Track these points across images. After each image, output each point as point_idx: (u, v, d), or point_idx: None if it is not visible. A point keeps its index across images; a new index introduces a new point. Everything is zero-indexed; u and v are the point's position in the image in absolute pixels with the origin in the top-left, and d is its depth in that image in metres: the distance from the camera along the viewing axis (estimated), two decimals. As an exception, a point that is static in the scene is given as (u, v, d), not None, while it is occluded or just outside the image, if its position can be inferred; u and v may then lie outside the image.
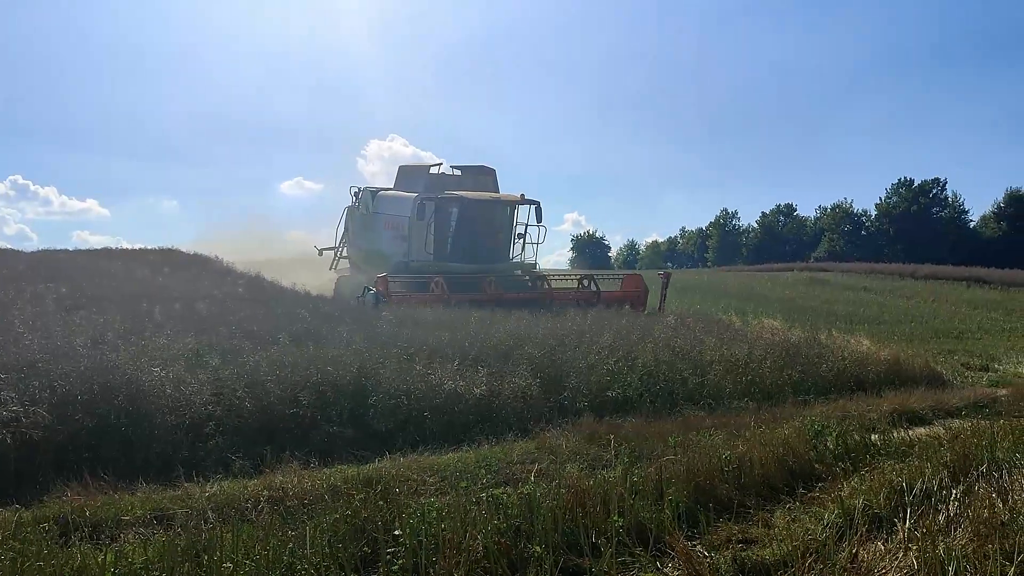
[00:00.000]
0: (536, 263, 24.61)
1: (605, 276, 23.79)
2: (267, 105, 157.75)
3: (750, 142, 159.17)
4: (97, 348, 9.36)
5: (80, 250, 29.81)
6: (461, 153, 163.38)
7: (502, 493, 5.56)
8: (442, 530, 4.83)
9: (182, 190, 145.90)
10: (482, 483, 6.23)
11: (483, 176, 25.46)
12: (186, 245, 28.51)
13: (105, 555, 4.74)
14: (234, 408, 8.36)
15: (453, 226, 23.00)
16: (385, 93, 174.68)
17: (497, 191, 24.99)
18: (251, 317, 13.34)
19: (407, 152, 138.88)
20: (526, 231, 24.19)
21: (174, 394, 8.23)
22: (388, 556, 4.66)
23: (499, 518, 5.08)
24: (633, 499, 5.58)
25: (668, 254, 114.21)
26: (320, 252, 29.34)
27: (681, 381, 11.23)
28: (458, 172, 25.46)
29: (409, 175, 25.76)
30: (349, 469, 7.11)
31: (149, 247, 29.42)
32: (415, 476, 6.83)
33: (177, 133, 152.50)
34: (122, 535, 5.54)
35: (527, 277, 23.04)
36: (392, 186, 26.28)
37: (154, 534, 5.40)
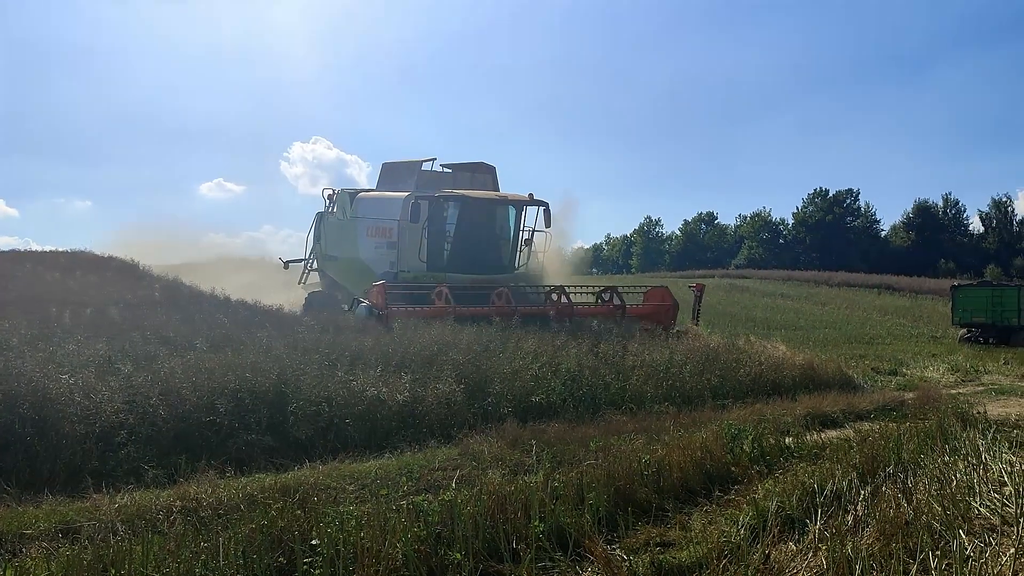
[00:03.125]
0: (543, 275, 21.77)
1: (627, 288, 20.78)
2: (186, 104, 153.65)
3: (673, 151, 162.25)
4: (1, 355, 8.96)
5: (-16, 252, 28.53)
6: (386, 156, 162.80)
7: (423, 500, 5.50)
8: (361, 539, 4.76)
9: (96, 190, 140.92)
10: (403, 490, 6.18)
11: (481, 174, 22.42)
12: (100, 247, 27.26)
13: (4, 571, 4.54)
14: (147, 416, 8.10)
15: (451, 230, 20.00)
16: (308, 94, 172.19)
17: (498, 191, 22.01)
18: (167, 322, 12.98)
19: (331, 155, 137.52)
20: (532, 237, 21.30)
21: (83, 402, 7.93)
22: (305, 566, 4.58)
23: (419, 525, 5.03)
24: (554, 504, 5.61)
25: (594, 260, 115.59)
26: (286, 265, 26.20)
27: (604, 386, 11.36)
28: (448, 171, 22.51)
29: (395, 173, 22.52)
30: (267, 478, 6.97)
31: (60, 249, 28.23)
32: (335, 484, 6.74)
33: (91, 131, 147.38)
34: (24, 550, 5.31)
35: (541, 289, 19.51)
36: (375, 187, 23.26)
37: (59, 548, 5.18)
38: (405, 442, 8.64)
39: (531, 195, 20.33)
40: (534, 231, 21.16)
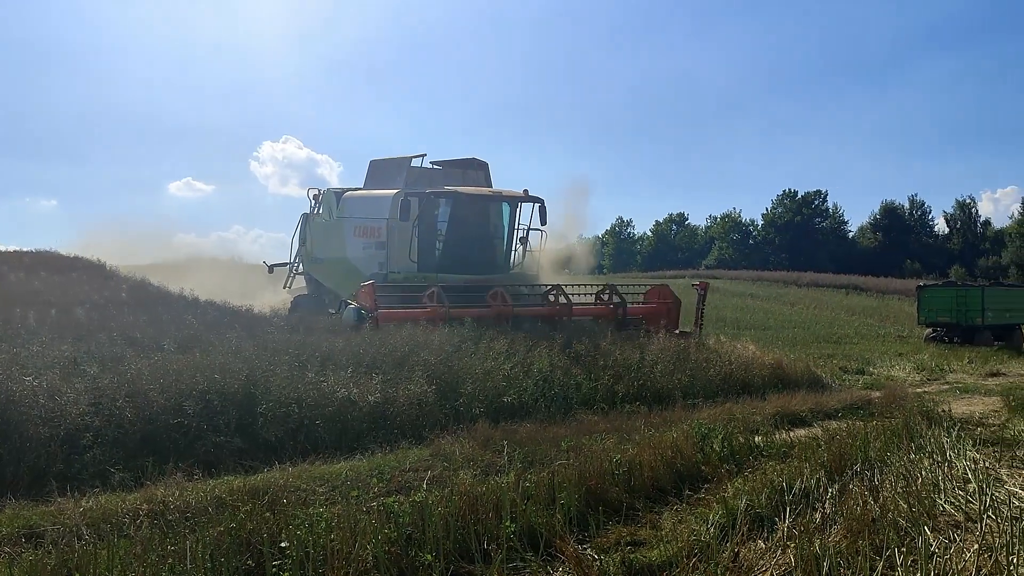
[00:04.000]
0: (538, 275, 20.69)
1: (626, 286, 19.85)
2: (154, 102, 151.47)
3: (644, 152, 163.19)
4: (-38, 356, 8.79)
5: (-53, 252, 27.97)
6: (357, 156, 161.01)
7: (394, 501, 5.48)
8: (331, 541, 4.73)
9: (62, 190, 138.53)
10: (374, 492, 6.15)
11: (473, 171, 21.47)
12: (66, 248, 26.82)
13: (-35, 577, 4.45)
14: (114, 418, 7.98)
15: (444, 228, 19.21)
16: (278, 93, 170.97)
17: (491, 188, 21.00)
18: (134, 323, 12.81)
19: (302, 155, 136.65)
20: (527, 235, 20.37)
21: (48, 404, 7.79)
22: (274, 569, 4.54)
23: (390, 527, 5.01)
24: (526, 504, 5.61)
25: (565, 260, 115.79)
26: (270, 269, 25.28)
27: (575, 386, 11.39)
28: (439, 168, 21.54)
29: (383, 170, 21.62)
30: (235, 480, 6.90)
31: (24, 249, 27.78)
32: (305, 486, 6.69)
33: (57, 130, 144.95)
34: (-14, 555, 5.21)
35: (538, 289, 18.35)
36: (362, 185, 22.34)
37: (22, 553, 5.09)
38: (376, 443, 8.60)
39: (526, 191, 19.57)
40: (529, 229, 20.31)
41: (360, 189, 22.04)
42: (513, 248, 20.36)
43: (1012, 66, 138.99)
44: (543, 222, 19.81)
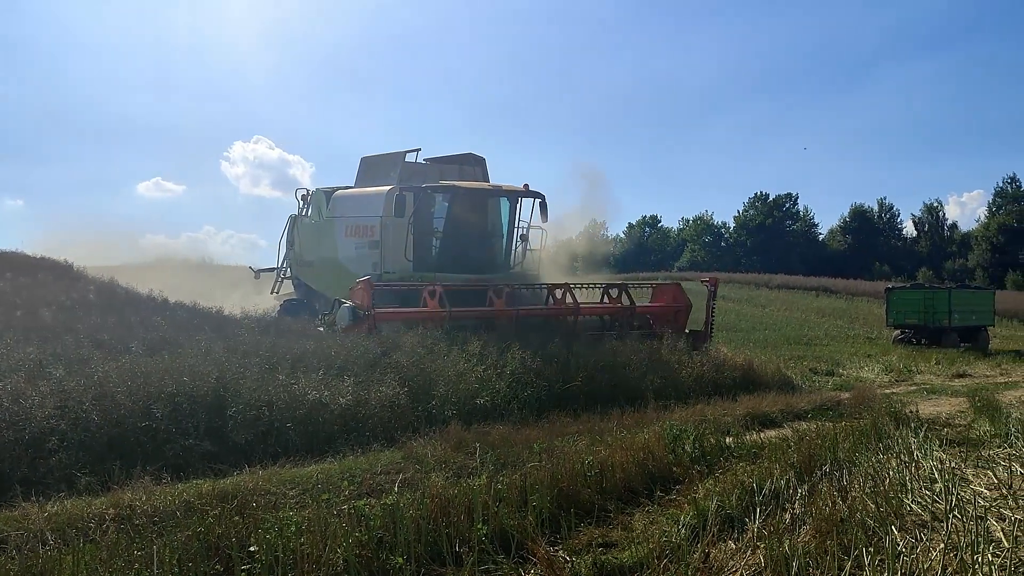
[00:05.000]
0: (540, 275, 19.53)
1: (636, 284, 18.81)
2: (123, 101, 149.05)
3: (618, 155, 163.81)
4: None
5: (-92, 253, 27.37)
6: (330, 157, 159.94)
7: (365, 504, 5.46)
8: (301, 544, 4.69)
9: (29, 189, 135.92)
10: (345, 495, 6.11)
11: (470, 167, 20.49)
12: (32, 248, 26.32)
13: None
14: (80, 422, 7.85)
15: (441, 225, 18.41)
16: (250, 93, 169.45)
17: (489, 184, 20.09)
18: (102, 325, 12.63)
19: (273, 155, 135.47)
20: (527, 232, 19.43)
21: (12, 407, 7.66)
22: (243, 574, 4.50)
23: (361, 530, 4.98)
24: (498, 506, 5.60)
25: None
26: (257, 274, 24.44)
27: (547, 387, 11.40)
28: (433, 164, 20.73)
29: (376, 167, 20.71)
30: (204, 484, 6.81)
31: (-11, 250, 27.27)
32: (275, 489, 6.62)
33: (23, 129, 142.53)
34: (-52, 562, 5.10)
35: (543, 288, 16.96)
36: (353, 184, 21.39)
37: (-16, 559, 5.00)
38: (348, 446, 8.54)
39: (526, 185, 18.68)
40: (529, 226, 19.33)
41: (351, 187, 21.26)
42: (514, 246, 19.48)
43: (979, 71, 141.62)
44: (544, 219, 18.97)
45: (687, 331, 17.04)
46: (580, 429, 9.26)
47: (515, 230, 19.34)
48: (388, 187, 18.58)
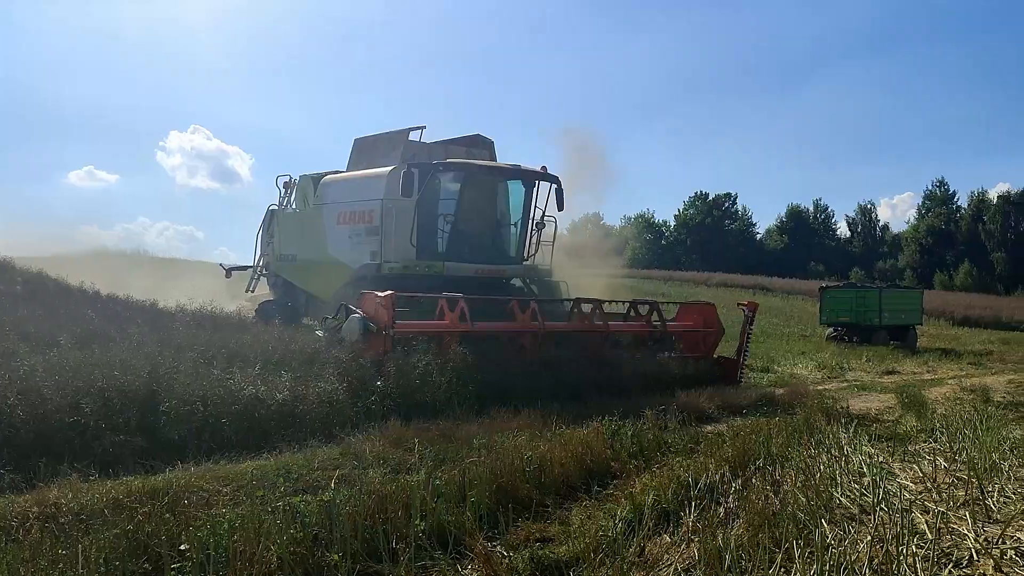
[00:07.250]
0: (551, 269, 18.03)
1: (665, 302, 17.57)
2: (53, 88, 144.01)
3: (559, 153, 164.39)
4: None
5: None
6: (270, 149, 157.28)
7: (300, 501, 5.38)
8: (234, 542, 4.60)
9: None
10: (280, 491, 6.00)
11: (478, 149, 18.53)
12: (-46, 238, 25.42)
13: None
14: (4, 417, 7.56)
15: (451, 207, 16.42)
16: (186, 81, 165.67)
17: None
18: (29, 317, 12.20)
19: (211, 145, 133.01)
20: (543, 219, 17.54)
21: (-71, 403, 7.37)
22: (173, 573, 4.39)
23: (296, 527, 4.91)
24: (436, 502, 5.58)
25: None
26: (228, 273, 22.40)
27: (489, 383, 11.37)
28: (439, 144, 18.45)
29: (374, 148, 18.22)
30: (135, 481, 6.64)
31: (-92, 240, 26.16)
32: (208, 486, 6.47)
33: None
34: None
35: (567, 300, 15.45)
36: (346, 167, 19.04)
37: (-102, 561, 4.79)
38: (285, 442, 8.41)
39: (544, 168, 16.98)
40: (544, 213, 17.49)
41: (342, 172, 19.13)
42: (529, 234, 17.60)
43: (912, 77, 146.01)
44: (560, 207, 17.27)
45: (716, 357, 15.75)
46: (521, 425, 9.25)
47: (531, 217, 17.50)
48: (390, 168, 16.58)
